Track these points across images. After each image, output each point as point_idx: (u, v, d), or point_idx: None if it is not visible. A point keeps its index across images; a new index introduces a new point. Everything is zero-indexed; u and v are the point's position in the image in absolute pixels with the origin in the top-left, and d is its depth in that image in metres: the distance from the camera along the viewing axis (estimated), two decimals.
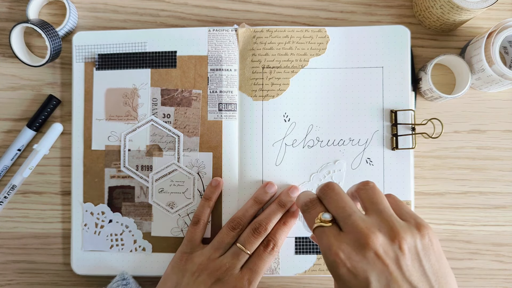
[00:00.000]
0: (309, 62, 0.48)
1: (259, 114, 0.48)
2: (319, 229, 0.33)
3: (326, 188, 0.35)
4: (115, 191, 0.49)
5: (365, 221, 0.31)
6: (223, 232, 0.45)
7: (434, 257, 0.30)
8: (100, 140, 0.49)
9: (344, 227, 0.32)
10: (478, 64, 0.46)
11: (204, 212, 0.47)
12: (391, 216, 0.31)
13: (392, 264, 0.29)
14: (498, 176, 0.50)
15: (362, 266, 0.29)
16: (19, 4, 0.52)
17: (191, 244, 0.46)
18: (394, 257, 0.29)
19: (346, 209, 0.32)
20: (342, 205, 0.33)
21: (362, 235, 0.30)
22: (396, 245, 0.30)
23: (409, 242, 0.30)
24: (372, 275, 0.29)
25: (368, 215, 0.32)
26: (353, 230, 0.31)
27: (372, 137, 0.48)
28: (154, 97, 0.49)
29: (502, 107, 0.51)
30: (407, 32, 0.48)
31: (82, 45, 0.49)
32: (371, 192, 0.34)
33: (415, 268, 0.30)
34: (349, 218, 0.31)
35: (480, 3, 0.44)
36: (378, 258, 0.29)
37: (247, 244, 0.44)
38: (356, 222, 0.31)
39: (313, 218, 0.34)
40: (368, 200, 0.33)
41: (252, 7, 0.52)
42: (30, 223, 0.51)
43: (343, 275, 0.30)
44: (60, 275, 0.51)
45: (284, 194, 0.46)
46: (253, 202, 0.46)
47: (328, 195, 0.34)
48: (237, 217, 0.46)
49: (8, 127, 0.51)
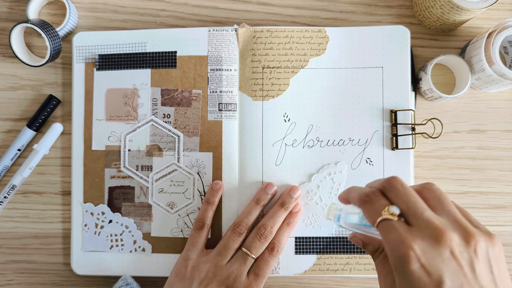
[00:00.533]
0: (309, 62, 0.48)
1: (259, 114, 0.48)
2: (386, 223, 0.30)
3: (393, 181, 0.33)
4: (115, 191, 0.49)
5: (438, 219, 0.30)
6: (228, 237, 0.45)
7: (502, 266, 0.30)
8: (100, 140, 0.49)
9: (416, 222, 0.30)
10: (478, 64, 0.46)
11: (208, 216, 0.46)
12: (463, 219, 0.30)
13: (467, 266, 0.28)
14: (498, 176, 0.50)
15: (437, 263, 0.28)
16: (19, 4, 0.52)
17: (195, 249, 0.45)
18: (469, 259, 0.28)
19: (418, 204, 0.31)
20: (414, 200, 0.31)
21: (439, 232, 0.28)
22: (472, 248, 0.29)
23: (482, 247, 0.29)
24: (446, 274, 0.28)
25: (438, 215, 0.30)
26: (428, 226, 0.29)
27: (372, 137, 0.48)
28: (154, 97, 0.49)
29: (502, 107, 0.51)
30: (407, 32, 0.48)
31: (82, 45, 0.49)
32: (438, 192, 0.32)
33: (486, 274, 0.29)
34: (423, 214, 0.30)
35: (480, 3, 0.44)
36: (453, 258, 0.28)
37: (253, 249, 0.44)
38: (430, 219, 0.29)
39: (377, 210, 0.32)
40: (436, 200, 0.32)
41: (252, 7, 0.52)
42: (30, 223, 0.51)
43: (415, 271, 0.28)
44: (60, 275, 0.51)
45: (285, 195, 0.46)
46: (254, 204, 0.46)
47: (396, 188, 0.32)
48: (241, 221, 0.45)
49: (8, 127, 0.51)
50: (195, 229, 0.46)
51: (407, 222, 0.31)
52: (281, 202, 0.46)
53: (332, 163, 0.48)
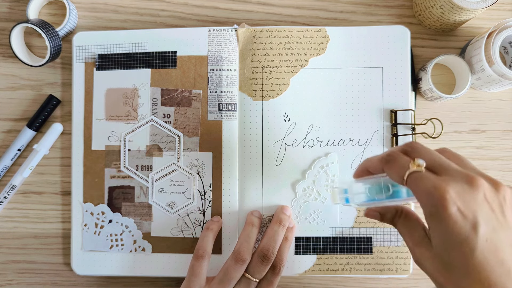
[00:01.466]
0: (309, 62, 0.48)
1: (259, 114, 0.48)
2: (416, 174, 0.30)
3: (414, 144, 0.33)
4: (115, 191, 0.49)
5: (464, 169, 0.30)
6: (230, 266, 0.43)
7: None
8: (100, 140, 0.49)
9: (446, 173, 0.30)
10: (478, 64, 0.46)
11: (208, 244, 0.45)
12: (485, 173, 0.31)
13: (498, 210, 0.29)
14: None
15: (472, 206, 0.28)
16: (19, 4, 0.52)
17: (197, 280, 0.43)
18: (499, 204, 0.29)
19: (443, 159, 0.31)
20: (438, 156, 0.31)
21: (471, 177, 0.29)
22: (501, 194, 0.29)
23: (510, 195, 0.30)
24: (481, 217, 0.28)
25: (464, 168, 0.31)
26: (458, 174, 0.29)
27: (372, 137, 0.48)
28: (154, 97, 0.49)
29: (502, 107, 0.51)
30: (407, 32, 0.48)
31: (82, 45, 0.49)
32: (456, 154, 0.33)
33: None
34: (450, 165, 0.30)
35: (480, 3, 0.44)
36: (486, 202, 0.29)
37: (257, 273, 0.43)
38: (457, 168, 0.30)
39: (403, 166, 0.31)
40: (457, 158, 0.32)
41: (252, 7, 0.52)
42: (30, 223, 0.51)
43: (452, 214, 0.28)
44: (60, 275, 0.51)
45: (280, 213, 0.46)
46: (251, 227, 0.45)
47: (418, 148, 0.32)
48: (242, 248, 0.43)
49: (8, 127, 0.51)
50: (196, 259, 0.44)
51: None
52: (278, 220, 0.46)
53: (322, 156, 0.48)
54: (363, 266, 0.47)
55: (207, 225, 0.46)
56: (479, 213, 0.28)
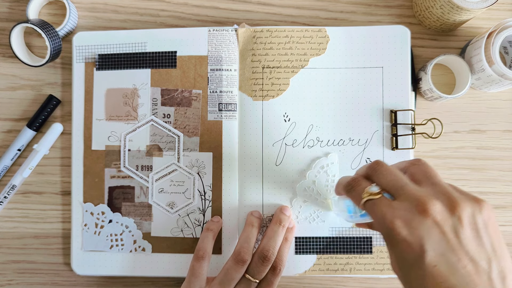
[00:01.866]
0: (309, 62, 0.48)
1: (259, 114, 0.48)
2: (370, 202, 0.31)
3: (375, 165, 0.33)
4: (115, 191, 0.49)
5: (420, 190, 0.30)
6: (231, 267, 0.43)
7: (492, 230, 0.29)
8: (100, 140, 0.49)
9: (398, 196, 0.30)
10: (478, 64, 0.46)
11: (208, 245, 0.45)
12: (448, 187, 0.30)
13: (450, 233, 0.28)
14: (498, 176, 0.50)
15: (420, 232, 0.28)
16: (19, 4, 0.52)
17: (198, 280, 0.43)
18: (453, 226, 0.28)
19: (398, 180, 0.31)
20: (394, 178, 0.31)
21: (419, 202, 0.29)
22: (455, 216, 0.28)
23: (468, 213, 0.29)
24: (428, 243, 0.28)
25: (423, 187, 0.31)
26: (409, 198, 0.29)
27: (372, 137, 0.48)
28: (154, 97, 0.49)
29: (502, 107, 0.51)
30: (407, 32, 0.48)
31: (82, 45, 0.49)
32: (424, 167, 0.32)
33: (473, 239, 0.28)
34: (403, 188, 0.30)
35: (480, 3, 0.44)
36: (436, 226, 0.28)
37: (257, 274, 0.43)
38: (411, 191, 0.30)
39: (360, 194, 0.32)
40: (422, 173, 0.32)
41: (252, 7, 0.52)
42: (30, 223, 0.51)
43: (400, 243, 0.28)
44: (60, 275, 0.51)
45: (280, 213, 0.46)
46: (251, 227, 0.45)
47: (378, 170, 0.33)
48: (242, 249, 0.43)
49: (8, 127, 0.51)
50: (195, 260, 0.44)
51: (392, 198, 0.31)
52: (278, 220, 0.45)
53: (322, 156, 0.48)
54: (363, 266, 0.47)
55: (207, 226, 0.46)
56: (426, 239, 0.28)
